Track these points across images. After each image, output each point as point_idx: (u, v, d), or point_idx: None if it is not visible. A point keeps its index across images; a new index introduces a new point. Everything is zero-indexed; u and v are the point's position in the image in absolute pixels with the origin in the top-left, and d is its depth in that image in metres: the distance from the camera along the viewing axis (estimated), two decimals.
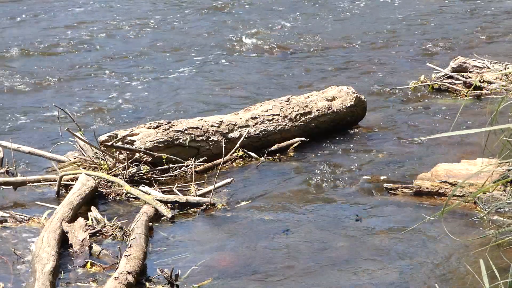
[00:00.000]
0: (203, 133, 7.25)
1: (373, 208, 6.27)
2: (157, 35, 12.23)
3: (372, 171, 6.99)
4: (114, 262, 5.39)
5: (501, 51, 10.78)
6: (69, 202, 6.09)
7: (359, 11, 13.64)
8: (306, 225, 6.01)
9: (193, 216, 6.23)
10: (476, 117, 8.06)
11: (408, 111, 8.63)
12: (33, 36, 12.06)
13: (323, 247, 5.65)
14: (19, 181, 6.71)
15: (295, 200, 6.49)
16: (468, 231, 5.67)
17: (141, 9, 13.94)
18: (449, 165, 6.43)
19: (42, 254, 5.29)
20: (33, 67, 10.54)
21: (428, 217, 5.21)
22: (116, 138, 6.97)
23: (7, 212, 6.17)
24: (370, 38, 11.84)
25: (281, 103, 7.75)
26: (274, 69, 10.47)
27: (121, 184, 6.54)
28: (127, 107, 9.02)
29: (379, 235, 5.79)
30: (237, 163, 7.25)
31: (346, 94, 8.04)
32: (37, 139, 7.93)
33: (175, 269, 5.17)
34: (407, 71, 10.08)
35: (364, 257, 5.48)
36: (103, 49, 11.47)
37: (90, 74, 10.27)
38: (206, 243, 5.79)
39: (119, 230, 5.85)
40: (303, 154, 7.42)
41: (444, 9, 13.65)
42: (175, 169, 6.99)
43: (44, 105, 9.02)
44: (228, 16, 13.41)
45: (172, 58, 10.99)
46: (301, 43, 11.64)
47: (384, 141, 7.75)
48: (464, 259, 5.28)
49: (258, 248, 5.66)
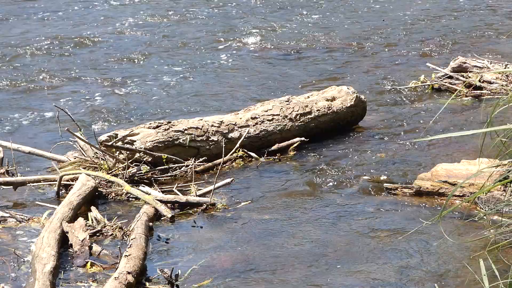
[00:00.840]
0: (203, 133, 7.25)
1: (373, 208, 6.27)
2: (156, 35, 12.22)
3: (372, 171, 7.00)
4: (114, 262, 5.39)
5: (501, 51, 10.78)
6: (69, 202, 6.08)
7: (359, 11, 13.64)
8: (306, 225, 6.01)
9: (193, 216, 6.23)
10: (477, 117, 8.06)
11: (408, 111, 8.63)
12: (33, 35, 12.05)
13: (323, 247, 5.65)
14: (19, 181, 6.71)
15: (295, 200, 6.49)
16: (468, 231, 5.67)
17: (140, 9, 13.93)
18: (449, 165, 6.43)
19: (42, 254, 5.29)
20: (33, 66, 10.54)
21: (425, 222, 5.22)
22: (116, 138, 6.97)
23: (7, 212, 6.17)
24: (371, 38, 11.84)
25: (281, 103, 7.75)
26: (274, 69, 10.47)
27: (121, 184, 6.54)
28: (127, 107, 9.02)
29: (379, 235, 5.79)
30: (237, 163, 7.25)
31: (346, 94, 8.04)
32: (37, 139, 7.93)
33: (175, 269, 5.17)
34: (407, 71, 10.08)
35: (364, 257, 5.48)
36: (103, 49, 11.47)
37: (90, 74, 10.27)
38: (206, 243, 5.79)
39: (119, 230, 5.85)
40: (303, 154, 7.43)
41: (444, 9, 13.65)
42: (175, 169, 6.99)
43: (44, 105, 9.02)
44: (228, 16, 13.41)
45: (172, 58, 10.99)
46: (301, 43, 11.64)
47: (384, 141, 7.75)
48: (464, 259, 5.28)
49: (258, 248, 5.66)
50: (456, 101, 8.84)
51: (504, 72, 8.96)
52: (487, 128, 3.87)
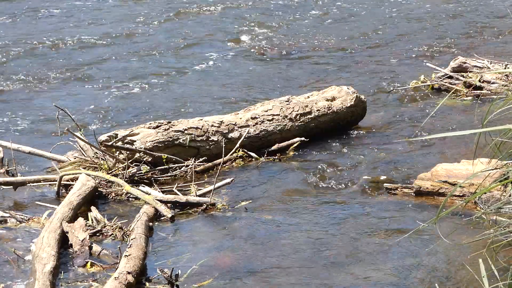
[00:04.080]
0: (203, 133, 7.25)
1: (373, 208, 6.27)
2: (156, 35, 12.23)
3: (372, 171, 7.00)
4: (114, 262, 5.39)
5: (501, 51, 10.78)
6: (69, 202, 6.09)
7: (360, 11, 13.63)
8: (306, 225, 6.01)
9: (193, 216, 6.23)
10: (477, 117, 8.05)
11: (408, 111, 8.63)
12: (34, 35, 12.05)
13: (323, 247, 5.65)
14: (19, 181, 6.71)
15: (295, 200, 6.49)
16: (468, 231, 5.66)
17: (139, 10, 13.93)
18: (449, 165, 6.43)
19: (42, 254, 5.29)
20: (33, 66, 10.54)
21: (422, 224, 5.21)
22: (116, 138, 6.97)
23: (7, 212, 6.17)
24: (370, 38, 11.84)
25: (281, 103, 7.75)
26: (274, 69, 10.47)
27: (121, 184, 6.54)
28: (127, 107, 9.02)
29: (379, 235, 5.79)
30: (237, 163, 7.25)
31: (346, 94, 8.04)
32: (37, 139, 7.93)
33: (175, 269, 5.17)
34: (407, 71, 10.08)
35: (364, 257, 5.48)
36: (103, 49, 11.47)
37: (90, 74, 10.27)
38: (206, 243, 5.79)
39: (119, 230, 5.85)
40: (303, 154, 7.43)
41: (444, 9, 13.64)
42: (175, 169, 6.99)
43: (44, 105, 9.02)
44: (228, 16, 13.40)
45: (172, 58, 10.99)
46: (302, 43, 11.64)
47: (384, 141, 7.75)
48: (463, 259, 5.28)
49: (258, 248, 5.66)
50: (456, 101, 8.84)
51: (504, 72, 8.96)
52: (484, 129, 3.87)
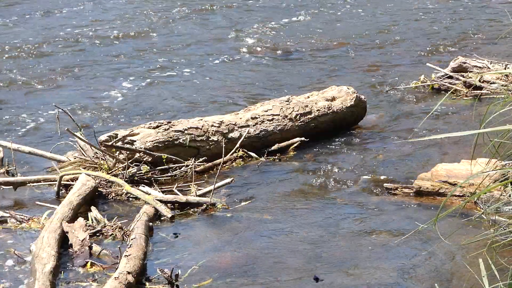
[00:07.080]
0: (203, 133, 7.25)
1: (373, 208, 6.27)
2: (156, 35, 12.23)
3: (372, 171, 7.00)
4: (114, 262, 5.39)
5: (501, 51, 10.78)
6: (69, 202, 6.09)
7: (360, 11, 13.64)
8: (306, 225, 6.01)
9: (193, 216, 6.23)
10: (477, 117, 8.05)
11: (408, 111, 8.63)
12: (33, 35, 12.05)
13: (323, 247, 5.65)
14: (19, 181, 6.71)
15: (295, 200, 6.49)
16: (468, 231, 5.66)
17: (139, 10, 13.93)
18: (449, 165, 6.43)
19: (42, 254, 5.29)
20: (33, 66, 10.54)
21: (421, 225, 5.21)
22: (116, 138, 6.98)
23: (7, 212, 6.17)
24: (370, 38, 11.84)
25: (281, 103, 7.75)
26: (274, 69, 10.47)
27: (121, 184, 6.54)
28: (127, 107, 9.02)
29: (379, 235, 5.79)
30: (237, 163, 7.25)
31: (346, 94, 8.04)
32: (37, 139, 7.93)
33: (175, 269, 5.17)
34: (407, 71, 10.08)
35: (364, 257, 5.48)
36: (103, 49, 11.47)
37: (90, 74, 10.27)
38: (206, 243, 5.79)
39: (119, 230, 5.85)
40: (303, 154, 7.43)
41: (444, 8, 13.64)
42: (175, 169, 6.99)
43: (44, 105, 9.02)
44: (228, 16, 13.41)
45: (172, 58, 10.99)
46: (301, 43, 11.64)
47: (384, 141, 7.75)
48: (463, 259, 5.28)
49: (258, 248, 5.66)
50: (456, 101, 8.84)
51: (504, 72, 8.96)
52: (484, 129, 3.86)
